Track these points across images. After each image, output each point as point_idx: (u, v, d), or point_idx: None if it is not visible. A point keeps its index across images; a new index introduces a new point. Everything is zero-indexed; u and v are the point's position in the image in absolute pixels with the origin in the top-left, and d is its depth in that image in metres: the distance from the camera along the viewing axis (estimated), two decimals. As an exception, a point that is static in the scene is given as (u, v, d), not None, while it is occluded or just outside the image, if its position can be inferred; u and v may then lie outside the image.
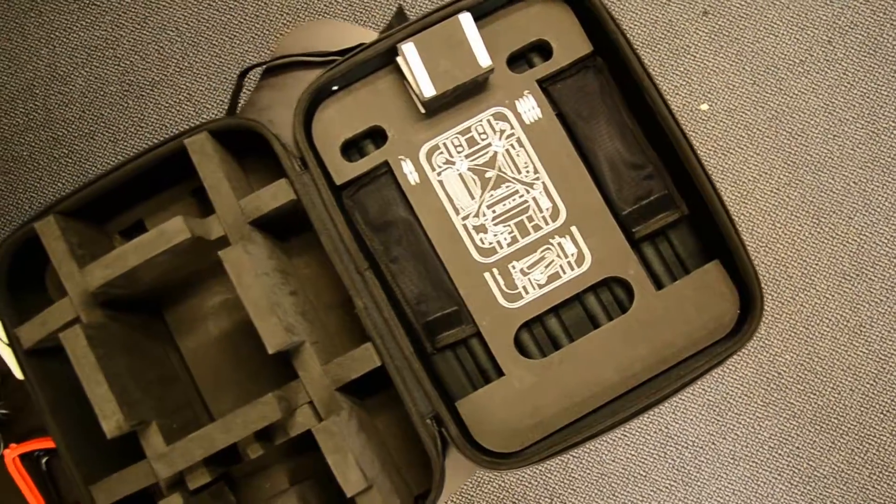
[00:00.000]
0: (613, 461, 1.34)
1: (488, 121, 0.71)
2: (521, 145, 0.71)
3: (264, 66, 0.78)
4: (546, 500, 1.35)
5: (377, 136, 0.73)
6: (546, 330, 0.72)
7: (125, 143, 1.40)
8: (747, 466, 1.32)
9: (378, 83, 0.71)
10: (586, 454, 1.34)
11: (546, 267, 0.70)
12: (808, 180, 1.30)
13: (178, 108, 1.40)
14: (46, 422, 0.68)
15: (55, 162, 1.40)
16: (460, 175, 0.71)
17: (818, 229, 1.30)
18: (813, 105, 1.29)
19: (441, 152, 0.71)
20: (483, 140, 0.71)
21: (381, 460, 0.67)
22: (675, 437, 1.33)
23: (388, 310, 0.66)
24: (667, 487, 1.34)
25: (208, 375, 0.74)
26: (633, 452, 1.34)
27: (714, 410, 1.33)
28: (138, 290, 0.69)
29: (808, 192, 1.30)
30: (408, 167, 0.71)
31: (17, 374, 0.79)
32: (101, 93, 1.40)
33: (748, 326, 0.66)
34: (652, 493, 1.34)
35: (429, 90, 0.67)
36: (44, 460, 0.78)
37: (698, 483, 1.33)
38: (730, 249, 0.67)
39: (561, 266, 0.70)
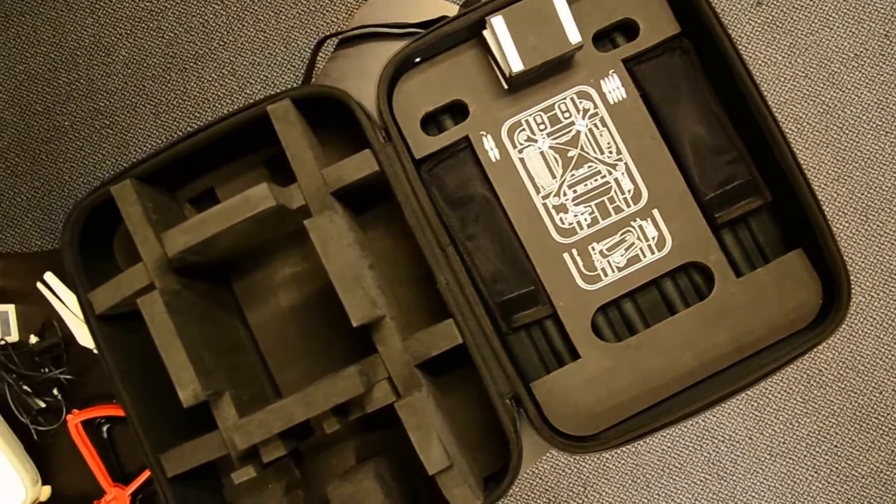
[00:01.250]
0: (648, 452, 1.33)
1: (572, 99, 0.70)
2: (605, 125, 0.70)
3: (339, 37, 0.77)
4: (579, 488, 1.34)
5: (458, 110, 0.71)
6: (622, 314, 0.71)
7: (167, 116, 1.38)
8: (784, 463, 1.31)
9: (461, 57, 0.70)
10: (622, 445, 1.33)
11: (626, 249, 0.69)
12: (857, 176, 1.28)
13: (221, 82, 1.38)
14: (116, 389, 0.67)
15: (96, 133, 1.38)
16: (542, 153, 0.70)
17: (865, 227, 1.29)
18: (866, 100, 1.27)
19: (523, 129, 0.70)
20: (566, 118, 0.70)
21: (456, 439, 0.66)
22: (712, 431, 1.32)
23: (468, 287, 0.65)
24: (701, 481, 1.33)
25: (276, 349, 0.73)
26: (668, 444, 1.33)
27: (752, 405, 1.31)
28: (211, 258, 0.68)
29: (857, 189, 1.28)
30: (489, 143, 0.70)
31: (81, 340, 0.78)
32: (144, 65, 1.39)
33: (834, 316, 0.66)
34: (686, 486, 1.33)
35: (516, 65, 0.66)
36: (105, 428, 0.77)
37: (734, 478, 1.32)
38: (815, 237, 0.66)
39: (641, 249, 0.69)
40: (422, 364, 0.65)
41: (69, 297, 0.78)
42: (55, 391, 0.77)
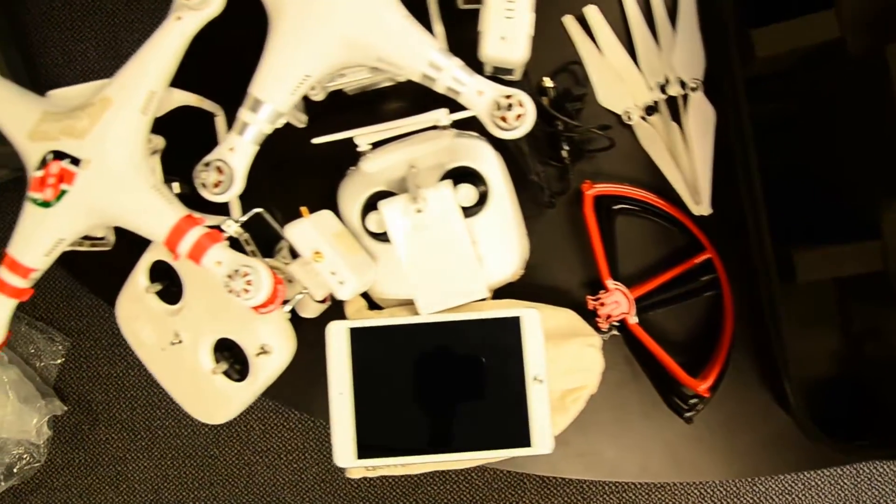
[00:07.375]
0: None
1: None
2: None
3: None
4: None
5: None
6: None
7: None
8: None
9: None
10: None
11: None
12: None
13: None
14: (738, 151, 0.51)
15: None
16: None
17: None
18: None
19: None
20: None
21: None
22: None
23: None
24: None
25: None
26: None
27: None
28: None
29: None
30: None
31: (603, 100, 0.63)
32: None
33: None
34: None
35: None
36: (616, 216, 0.61)
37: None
38: None
39: None
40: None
41: (610, 39, 0.60)
42: (564, 151, 0.60)
